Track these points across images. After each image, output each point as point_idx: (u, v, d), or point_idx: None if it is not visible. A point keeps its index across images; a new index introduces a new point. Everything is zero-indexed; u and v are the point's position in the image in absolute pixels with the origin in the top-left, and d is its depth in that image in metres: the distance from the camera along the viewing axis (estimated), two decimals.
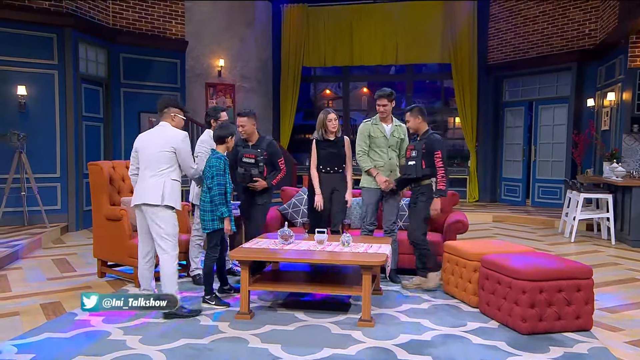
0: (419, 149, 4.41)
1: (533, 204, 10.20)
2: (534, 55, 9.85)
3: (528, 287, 3.36)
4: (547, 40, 9.67)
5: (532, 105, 10.29)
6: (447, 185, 4.40)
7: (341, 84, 12.74)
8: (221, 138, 3.95)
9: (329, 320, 3.66)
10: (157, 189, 3.70)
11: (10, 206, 6.96)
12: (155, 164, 3.74)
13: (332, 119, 4.74)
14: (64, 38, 7.28)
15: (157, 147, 3.75)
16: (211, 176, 3.86)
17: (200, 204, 3.99)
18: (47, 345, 3.18)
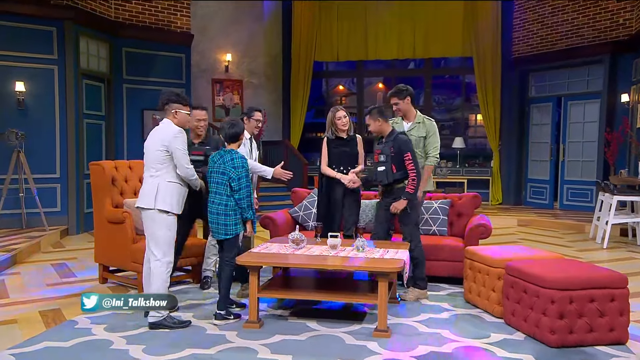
0: (386, 152, 4.36)
1: (561, 207, 10.09)
2: (563, 47, 9.75)
3: (557, 297, 3.31)
4: (577, 31, 9.56)
5: (560, 101, 10.18)
6: (416, 188, 4.33)
7: (355, 79, 12.73)
8: (237, 135, 3.89)
9: (342, 330, 3.65)
10: (151, 192, 3.69)
11: (8, 208, 7.06)
12: (151, 164, 3.76)
13: (342, 117, 4.75)
14: (64, 31, 7.37)
15: (153, 146, 3.73)
16: (238, 177, 3.78)
17: (218, 208, 3.80)
18: (46, 355, 3.21)
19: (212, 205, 3.85)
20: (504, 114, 10.76)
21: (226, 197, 3.80)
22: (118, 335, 3.52)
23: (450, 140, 11.40)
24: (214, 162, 3.87)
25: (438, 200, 5.34)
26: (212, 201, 3.85)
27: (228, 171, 3.78)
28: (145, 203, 3.70)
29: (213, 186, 3.85)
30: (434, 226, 5.19)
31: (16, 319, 3.89)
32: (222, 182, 3.80)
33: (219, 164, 3.84)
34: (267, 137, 10.94)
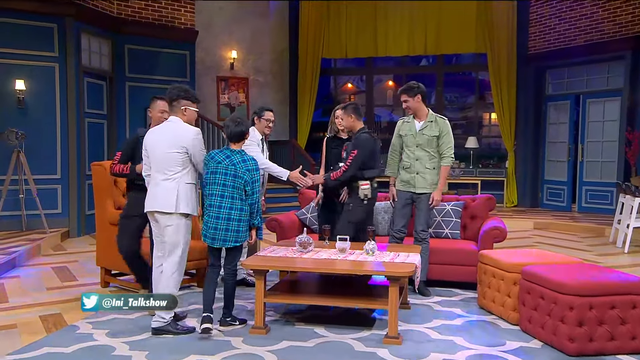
0: (349, 150, 4.49)
1: (580, 210, 10.02)
2: (582, 42, 9.68)
3: (576, 303, 3.29)
4: (596, 26, 9.49)
5: (579, 99, 10.11)
6: (338, 180, 4.50)
7: (364, 77, 12.73)
8: (243, 135, 3.77)
9: (351, 336, 3.65)
10: (170, 195, 3.60)
11: (8, 210, 7.12)
12: (165, 166, 3.64)
13: (339, 116, 4.80)
14: (65, 28, 7.42)
15: (166, 147, 3.61)
16: (253, 181, 3.68)
17: (232, 213, 3.64)
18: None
19: (221, 211, 3.64)
20: (519, 113, 10.71)
21: (241, 201, 3.66)
22: (120, 341, 3.54)
23: (463, 140, 11.35)
24: (217, 162, 3.67)
25: (451, 202, 5.32)
26: (220, 206, 3.64)
27: (242, 174, 3.64)
28: (165, 207, 3.62)
29: (220, 189, 3.64)
30: (447, 229, 5.18)
31: (16, 323, 3.93)
32: (235, 185, 3.64)
33: (225, 164, 3.66)
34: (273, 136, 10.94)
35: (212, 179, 3.68)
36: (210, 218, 3.67)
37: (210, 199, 3.68)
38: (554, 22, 10.16)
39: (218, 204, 3.65)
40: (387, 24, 11.16)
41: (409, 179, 4.68)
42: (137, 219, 4.11)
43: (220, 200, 3.65)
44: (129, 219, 4.20)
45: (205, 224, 3.71)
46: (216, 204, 3.66)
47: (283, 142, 10.84)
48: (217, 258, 3.80)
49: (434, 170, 4.66)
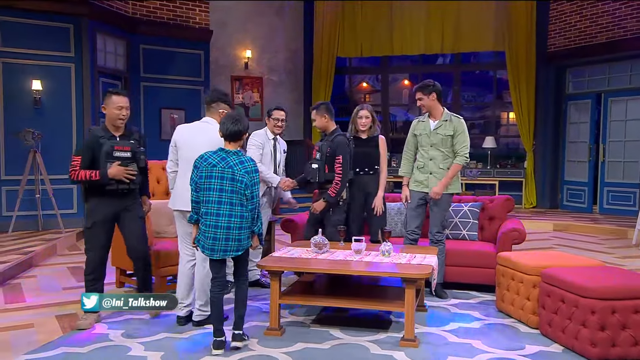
0: (323, 151, 4.46)
1: (601, 211, 9.88)
2: (603, 40, 9.54)
3: (598, 307, 3.25)
4: (619, 23, 9.35)
5: (600, 98, 9.98)
6: (338, 193, 4.46)
7: (380, 76, 12.70)
8: (240, 134, 3.45)
9: (367, 338, 3.64)
10: None
11: (24, 210, 7.23)
12: None
13: (363, 116, 4.78)
14: (80, 28, 7.53)
15: (206, 146, 3.55)
16: (253, 184, 3.40)
17: (234, 221, 3.36)
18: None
19: (219, 218, 3.33)
20: (538, 112, 10.59)
21: (241, 207, 3.36)
22: (136, 341, 3.57)
23: (480, 139, 11.27)
24: (211, 165, 3.36)
25: (468, 203, 5.28)
26: (218, 213, 3.33)
27: (241, 177, 3.34)
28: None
29: (217, 195, 3.34)
30: (464, 230, 5.14)
31: (33, 323, 3.98)
32: (234, 189, 3.34)
33: (221, 167, 3.35)
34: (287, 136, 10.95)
35: (207, 183, 3.36)
36: (208, 227, 3.35)
37: (206, 206, 3.36)
38: (574, 19, 10.03)
39: (215, 211, 3.34)
40: (403, 23, 11.11)
41: (422, 179, 4.65)
42: (107, 224, 3.91)
43: (218, 207, 3.33)
44: (99, 227, 3.88)
45: (203, 234, 3.38)
46: (213, 211, 3.34)
47: (297, 142, 10.85)
48: (220, 269, 3.48)
49: (448, 170, 4.63)
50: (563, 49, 10.22)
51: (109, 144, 3.78)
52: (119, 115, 3.83)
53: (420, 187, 4.67)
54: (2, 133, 7.23)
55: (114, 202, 3.89)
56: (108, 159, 3.76)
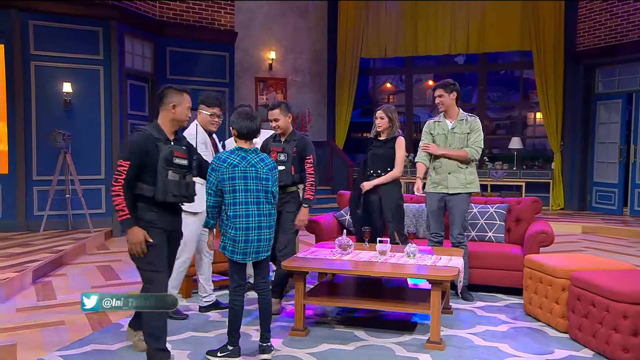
0: (288, 152, 4.23)
1: (632, 214, 9.65)
2: (635, 38, 9.32)
3: (630, 311, 3.17)
4: None
5: (631, 98, 9.74)
6: (315, 194, 4.28)
7: (403, 76, 12.63)
8: (258, 131, 3.40)
9: (392, 340, 3.62)
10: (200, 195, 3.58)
11: (55, 209, 7.40)
12: None
13: (378, 117, 4.73)
14: (109, 31, 7.68)
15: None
16: (274, 180, 3.38)
17: (270, 220, 3.35)
18: (93, 357, 3.36)
19: (249, 219, 3.24)
20: (566, 112, 10.40)
21: (269, 205, 3.32)
22: None
23: (506, 140, 11.12)
24: (232, 166, 3.22)
25: (494, 204, 5.22)
26: (247, 214, 3.23)
27: (264, 174, 3.28)
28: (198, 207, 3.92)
29: (243, 196, 3.23)
30: (490, 232, 5.08)
31: (63, 320, 4.08)
32: (261, 188, 3.27)
33: (243, 167, 3.24)
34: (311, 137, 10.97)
35: (230, 185, 3.21)
36: (239, 230, 3.21)
37: (233, 209, 3.21)
38: (604, 17, 9.82)
39: (244, 212, 3.22)
40: (428, 23, 11.04)
41: (440, 180, 4.60)
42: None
43: (246, 208, 3.23)
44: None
45: (232, 239, 3.23)
46: (242, 212, 3.21)
47: (321, 143, 10.86)
48: (244, 275, 3.40)
49: (467, 169, 4.58)
50: (592, 48, 10.01)
51: (168, 149, 3.14)
52: (188, 115, 3.40)
53: (439, 189, 4.62)
54: (35, 135, 7.41)
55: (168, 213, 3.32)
56: (168, 166, 3.12)
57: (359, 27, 11.25)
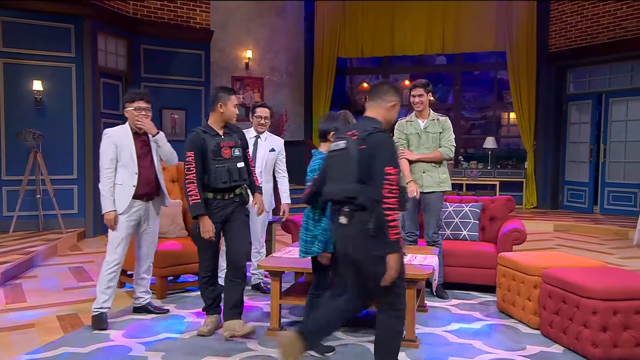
0: (240, 145, 4.00)
1: (602, 212, 9.87)
2: (605, 40, 9.54)
3: (600, 308, 3.24)
4: (620, 23, 9.35)
5: (601, 98, 9.97)
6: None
7: (380, 76, 12.69)
8: (323, 133, 3.38)
9: (368, 339, 3.63)
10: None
11: (25, 210, 7.23)
12: None
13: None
14: (82, 29, 7.52)
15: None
16: None
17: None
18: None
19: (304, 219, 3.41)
20: (539, 113, 10.59)
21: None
22: (136, 342, 3.57)
23: (481, 140, 11.27)
24: (311, 169, 3.41)
25: (469, 203, 5.28)
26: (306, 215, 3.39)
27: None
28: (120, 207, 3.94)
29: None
30: (465, 231, 5.14)
31: (34, 323, 3.98)
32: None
33: (312, 169, 3.38)
34: (288, 136, 10.97)
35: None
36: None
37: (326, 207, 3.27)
38: (575, 19, 10.03)
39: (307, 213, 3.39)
40: (405, 23, 11.12)
41: (415, 179, 4.63)
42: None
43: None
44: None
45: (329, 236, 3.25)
46: (307, 213, 3.38)
47: (298, 143, 10.85)
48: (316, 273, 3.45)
49: (439, 168, 4.64)
50: (564, 50, 10.21)
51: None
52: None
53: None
54: (3, 134, 7.23)
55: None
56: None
57: (336, 27, 11.27)
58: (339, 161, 2.78)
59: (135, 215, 3.95)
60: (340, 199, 2.76)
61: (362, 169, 2.66)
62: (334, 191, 2.79)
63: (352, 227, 2.69)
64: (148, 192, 3.99)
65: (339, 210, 2.76)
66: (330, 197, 2.85)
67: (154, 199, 4.06)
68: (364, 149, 2.66)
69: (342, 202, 2.74)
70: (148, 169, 4.00)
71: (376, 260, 2.64)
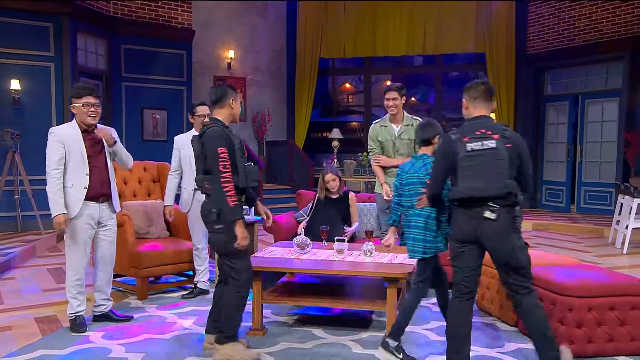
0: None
1: (579, 211, 10.04)
2: (581, 43, 9.70)
3: (575, 305, 3.29)
4: (595, 26, 9.52)
5: (577, 100, 10.13)
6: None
7: (362, 76, 12.73)
8: (425, 139, 3.48)
9: (349, 337, 3.64)
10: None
11: (3, 211, 7.10)
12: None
13: (330, 180, 4.99)
14: (61, 28, 7.41)
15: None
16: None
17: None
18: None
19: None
20: (518, 113, 10.72)
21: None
22: (116, 343, 3.53)
23: None
24: (404, 172, 3.45)
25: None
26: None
27: (423, 178, 3.36)
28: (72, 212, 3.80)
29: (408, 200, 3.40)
30: None
31: (11, 325, 3.91)
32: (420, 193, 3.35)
33: (410, 172, 3.43)
34: (271, 137, 10.96)
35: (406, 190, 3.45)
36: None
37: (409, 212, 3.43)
38: (552, 22, 10.18)
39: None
40: (386, 24, 11.17)
41: (390, 182, 4.68)
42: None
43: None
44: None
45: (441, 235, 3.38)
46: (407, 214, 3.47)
47: (281, 143, 10.83)
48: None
49: None
50: (542, 51, 10.36)
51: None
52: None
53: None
54: None
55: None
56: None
57: (318, 27, 11.27)
58: (488, 160, 2.84)
59: (90, 217, 3.72)
60: (494, 195, 2.81)
61: (512, 166, 2.87)
62: (487, 188, 2.82)
63: (500, 222, 2.83)
64: (102, 193, 3.77)
65: (483, 207, 2.84)
66: (477, 194, 2.85)
67: (109, 200, 3.85)
68: (510, 147, 2.86)
69: (490, 199, 2.82)
70: (101, 169, 3.79)
71: (518, 250, 2.92)
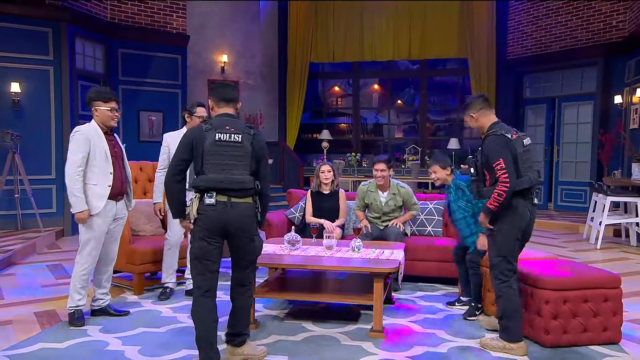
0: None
1: (556, 208, 10.14)
2: (557, 49, 9.80)
3: (551, 297, 3.33)
4: (571, 33, 9.61)
5: (554, 103, 10.23)
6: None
7: (351, 80, 12.76)
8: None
9: (338, 330, 3.66)
10: None
11: (3, 209, 7.03)
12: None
13: (325, 170, 5.08)
14: (59, 33, 7.35)
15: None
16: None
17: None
18: (41, 356, 3.20)
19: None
20: (499, 116, 10.31)
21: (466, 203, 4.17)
22: (113, 337, 3.51)
23: (445, 141, 11.42)
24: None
25: (433, 201, 5.35)
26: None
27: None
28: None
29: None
30: (429, 227, 5.21)
31: (11, 320, 3.88)
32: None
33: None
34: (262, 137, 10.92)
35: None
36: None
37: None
38: (531, 29, 10.26)
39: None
40: (374, 30, 11.21)
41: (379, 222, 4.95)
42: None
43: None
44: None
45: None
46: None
47: (272, 144, 10.81)
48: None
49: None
50: (521, 57, 10.44)
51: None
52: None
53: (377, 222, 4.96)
54: None
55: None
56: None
57: (308, 33, 11.28)
58: (528, 155, 3.48)
59: (108, 214, 3.77)
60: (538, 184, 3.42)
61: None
62: (535, 177, 3.38)
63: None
64: (122, 191, 3.86)
65: (533, 194, 3.35)
66: (536, 183, 3.38)
67: (123, 198, 3.92)
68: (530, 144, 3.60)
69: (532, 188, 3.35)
70: (120, 169, 3.84)
71: None
